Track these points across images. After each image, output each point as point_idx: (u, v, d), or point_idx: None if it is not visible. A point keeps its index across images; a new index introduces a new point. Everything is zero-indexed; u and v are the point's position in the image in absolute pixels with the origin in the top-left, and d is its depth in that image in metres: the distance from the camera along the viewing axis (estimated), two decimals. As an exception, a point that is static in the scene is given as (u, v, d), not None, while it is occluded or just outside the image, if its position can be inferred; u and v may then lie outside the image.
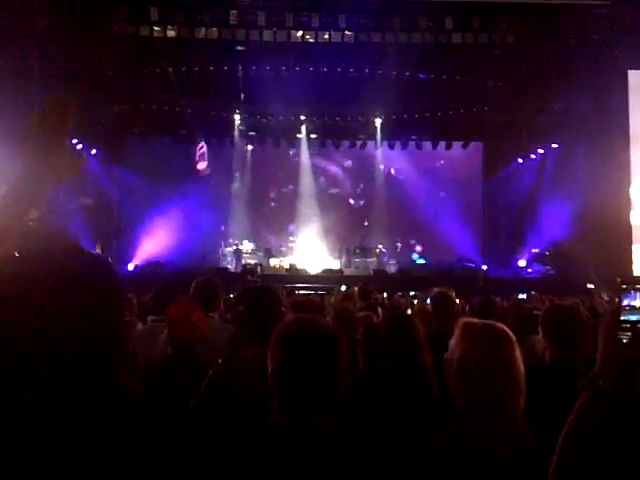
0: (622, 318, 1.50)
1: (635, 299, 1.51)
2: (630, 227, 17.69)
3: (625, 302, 1.51)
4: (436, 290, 5.01)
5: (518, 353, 2.26)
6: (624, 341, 1.49)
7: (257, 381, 2.05)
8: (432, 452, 2.18)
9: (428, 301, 5.74)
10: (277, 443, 1.76)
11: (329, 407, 1.85)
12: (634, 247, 17.51)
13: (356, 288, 8.18)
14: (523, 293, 13.48)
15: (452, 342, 2.35)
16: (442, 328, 4.29)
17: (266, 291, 3.55)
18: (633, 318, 1.50)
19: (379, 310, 6.34)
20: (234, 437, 1.85)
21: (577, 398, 1.53)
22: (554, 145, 21.04)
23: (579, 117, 18.01)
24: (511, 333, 2.30)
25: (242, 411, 2.62)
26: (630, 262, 16.93)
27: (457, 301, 5.79)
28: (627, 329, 1.49)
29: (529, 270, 21.51)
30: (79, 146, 20.66)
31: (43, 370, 1.24)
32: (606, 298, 10.19)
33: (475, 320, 2.45)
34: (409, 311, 7.85)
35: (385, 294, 12.26)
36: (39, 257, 1.32)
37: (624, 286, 1.51)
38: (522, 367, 2.23)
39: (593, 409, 1.48)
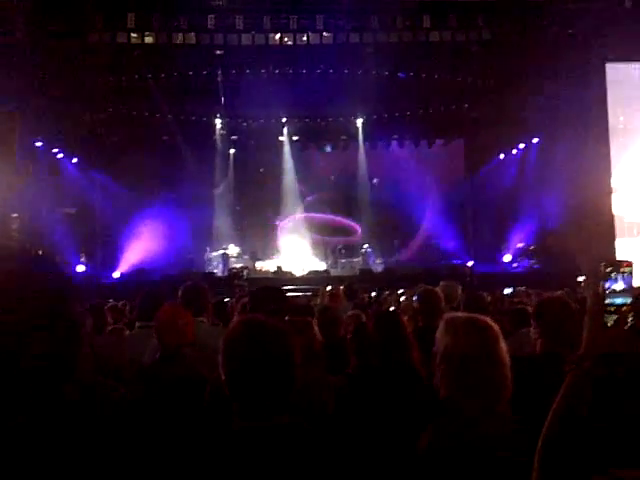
0: (607, 301, 1.52)
1: (618, 282, 1.52)
2: (612, 217, 17.86)
3: (607, 285, 1.52)
4: (422, 287, 5.03)
5: (503, 345, 2.26)
6: (609, 324, 1.51)
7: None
8: (419, 446, 2.19)
9: (414, 298, 5.76)
10: (239, 448, 1.75)
11: (286, 405, 1.83)
12: (618, 241, 17.66)
13: (341, 287, 8.18)
14: (509, 288, 13.53)
15: (437, 336, 2.36)
16: (429, 324, 4.31)
17: (273, 290, 3.54)
18: (618, 301, 1.52)
19: (367, 309, 6.36)
20: (201, 444, 1.83)
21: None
22: (535, 140, 21.20)
23: (559, 111, 18.14)
24: (495, 325, 2.31)
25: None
26: (614, 253, 17.06)
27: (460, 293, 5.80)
28: (612, 312, 1.51)
29: (514, 265, 21.63)
30: (60, 155, 20.65)
31: None
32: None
33: (459, 313, 2.46)
34: (392, 308, 7.87)
35: (373, 293, 12.28)
36: None
37: (608, 269, 1.53)
38: (507, 359, 2.23)
39: (579, 391, 1.50)
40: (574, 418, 1.49)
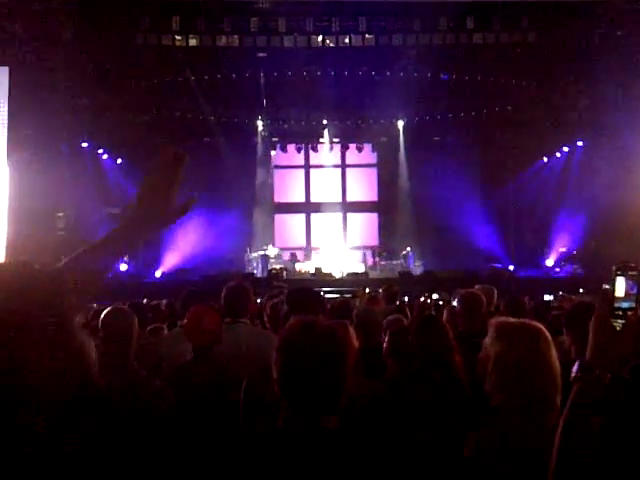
0: (615, 305, 1.48)
1: (625, 286, 1.48)
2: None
3: (618, 289, 1.48)
4: (464, 291, 4.98)
5: (554, 351, 2.25)
6: (617, 329, 1.46)
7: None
8: (468, 447, 2.17)
9: (455, 302, 5.71)
10: (283, 447, 1.76)
11: (335, 410, 1.84)
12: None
13: (381, 290, 8.14)
14: (550, 294, 13.35)
15: (486, 341, 2.33)
16: (471, 328, 4.28)
17: (310, 293, 3.54)
18: (625, 305, 1.48)
19: (407, 312, 6.32)
20: (243, 442, 1.85)
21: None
22: (579, 143, 20.86)
23: (604, 114, 17.82)
24: (546, 331, 2.28)
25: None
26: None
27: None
28: (620, 316, 1.47)
29: (557, 270, 21.31)
30: (105, 156, 20.99)
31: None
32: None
33: (510, 319, 2.43)
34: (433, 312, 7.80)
35: (409, 296, 12.19)
36: None
37: (618, 272, 1.49)
38: (558, 365, 2.21)
39: (587, 399, 1.46)
40: (584, 428, 1.46)
